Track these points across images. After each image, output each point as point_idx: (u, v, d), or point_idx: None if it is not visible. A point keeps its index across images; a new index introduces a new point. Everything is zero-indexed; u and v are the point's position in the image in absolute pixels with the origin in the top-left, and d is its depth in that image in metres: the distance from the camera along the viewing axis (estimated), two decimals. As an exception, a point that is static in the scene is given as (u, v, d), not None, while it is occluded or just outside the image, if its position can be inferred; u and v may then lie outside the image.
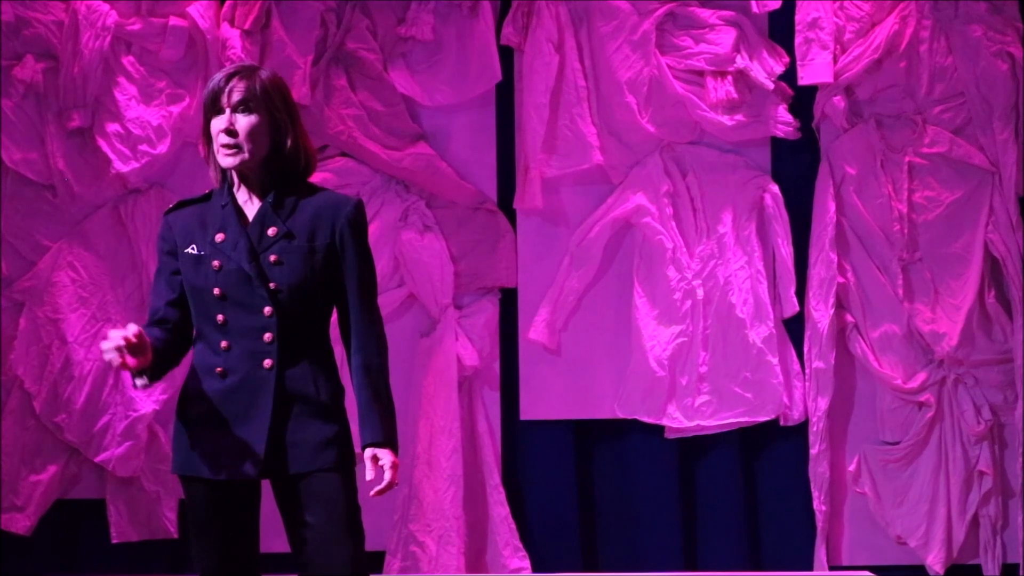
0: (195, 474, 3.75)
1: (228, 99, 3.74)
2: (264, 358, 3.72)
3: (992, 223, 6.47)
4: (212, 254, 3.75)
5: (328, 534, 3.70)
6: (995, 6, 6.50)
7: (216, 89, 3.76)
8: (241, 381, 3.73)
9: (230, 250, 3.74)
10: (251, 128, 3.75)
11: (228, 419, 3.72)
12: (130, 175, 6.45)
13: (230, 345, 3.73)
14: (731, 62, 6.48)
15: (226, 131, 3.73)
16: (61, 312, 6.43)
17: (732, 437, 6.49)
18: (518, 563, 6.42)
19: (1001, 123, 6.46)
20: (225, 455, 3.72)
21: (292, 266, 3.74)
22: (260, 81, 3.77)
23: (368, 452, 3.75)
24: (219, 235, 3.76)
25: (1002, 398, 6.45)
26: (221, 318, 3.73)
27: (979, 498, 6.41)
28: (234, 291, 3.73)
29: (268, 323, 3.72)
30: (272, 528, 4.01)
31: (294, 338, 3.74)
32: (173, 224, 3.83)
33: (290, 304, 3.74)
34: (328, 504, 3.71)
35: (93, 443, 6.41)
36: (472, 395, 6.53)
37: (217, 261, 3.74)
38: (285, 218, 3.77)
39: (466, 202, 6.56)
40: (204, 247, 3.76)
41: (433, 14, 6.52)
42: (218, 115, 3.76)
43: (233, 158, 3.75)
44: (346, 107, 6.51)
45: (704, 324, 6.47)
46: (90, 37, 6.42)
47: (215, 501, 3.75)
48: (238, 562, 3.78)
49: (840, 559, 6.49)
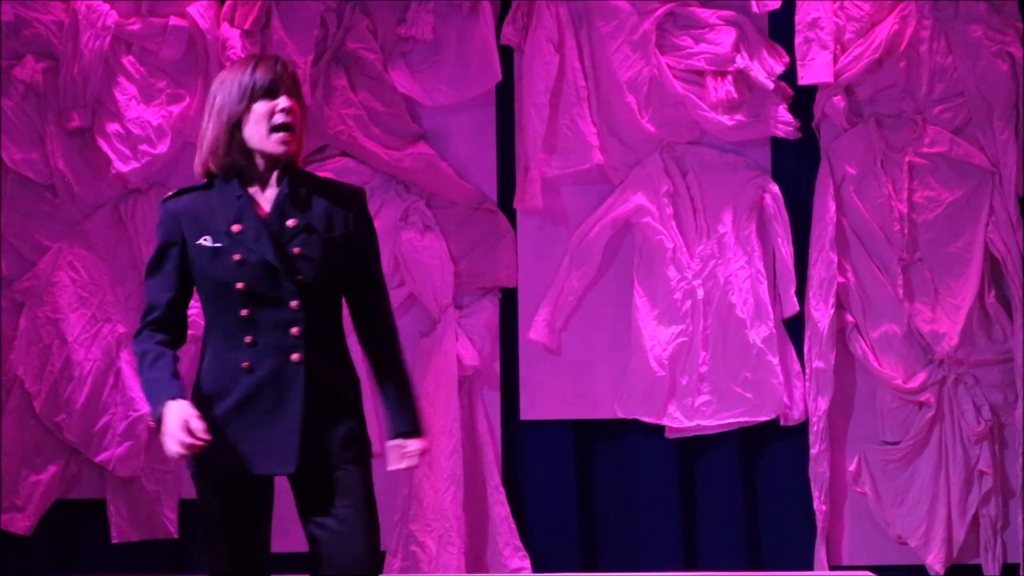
0: (221, 474, 3.67)
1: (284, 86, 3.67)
2: (292, 352, 3.65)
3: (992, 223, 6.47)
4: (231, 246, 3.64)
5: (352, 528, 3.67)
6: (995, 6, 6.50)
7: (275, 75, 3.68)
8: (269, 376, 3.65)
9: (252, 242, 3.64)
10: (302, 117, 3.72)
11: (257, 415, 3.64)
12: (130, 175, 6.45)
13: (256, 340, 3.65)
14: (731, 62, 6.47)
15: (286, 111, 3.66)
16: (61, 312, 6.43)
17: (732, 437, 6.49)
18: (518, 563, 6.42)
19: (1001, 123, 6.46)
20: (258, 452, 3.65)
21: (315, 258, 3.68)
22: (294, 71, 3.75)
23: (397, 442, 3.74)
24: (236, 226, 3.65)
25: (1002, 398, 6.45)
26: (246, 312, 3.64)
27: (979, 498, 6.41)
28: (259, 285, 3.64)
29: (295, 316, 3.65)
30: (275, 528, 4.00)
31: (317, 331, 3.68)
32: (178, 213, 3.71)
33: (315, 296, 3.68)
34: (353, 498, 3.68)
35: (93, 443, 6.41)
36: (472, 395, 6.53)
37: (239, 254, 3.64)
38: (303, 209, 3.70)
39: (466, 202, 6.56)
40: (220, 239, 3.65)
41: (433, 14, 6.52)
42: (269, 100, 3.67)
43: (289, 145, 3.68)
44: (346, 107, 6.51)
45: (704, 324, 6.47)
46: (90, 37, 6.42)
47: (235, 500, 3.69)
48: (252, 563, 3.73)
49: (840, 559, 6.48)
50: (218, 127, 3.68)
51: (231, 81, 3.70)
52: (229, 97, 3.68)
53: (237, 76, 3.69)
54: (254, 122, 3.66)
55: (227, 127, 3.67)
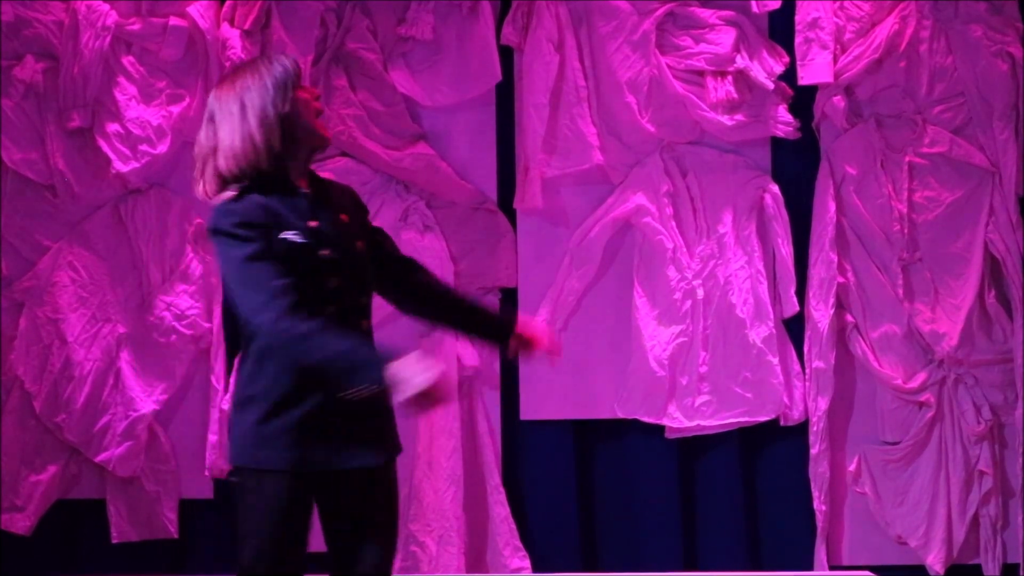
0: (320, 470, 3.65)
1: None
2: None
3: (992, 223, 6.47)
4: (315, 243, 3.65)
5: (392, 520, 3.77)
6: (995, 6, 6.50)
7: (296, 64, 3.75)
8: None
9: (333, 238, 3.67)
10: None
11: (351, 408, 3.59)
12: (130, 175, 6.45)
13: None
14: (731, 62, 6.47)
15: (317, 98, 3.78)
16: (61, 312, 6.43)
17: (732, 437, 6.49)
18: (518, 563, 6.42)
19: (1001, 123, 6.46)
20: (352, 446, 3.68)
21: (367, 251, 3.78)
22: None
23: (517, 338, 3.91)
24: (312, 222, 3.67)
25: (1002, 398, 6.45)
26: (334, 309, 3.64)
27: (979, 498, 6.41)
28: (345, 280, 3.68)
29: (366, 309, 3.74)
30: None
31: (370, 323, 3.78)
32: (263, 204, 3.66)
33: (370, 289, 3.78)
34: (394, 491, 3.80)
35: (93, 443, 6.41)
36: (472, 395, 6.53)
37: (326, 250, 3.66)
38: (341, 204, 3.80)
39: (466, 202, 6.56)
40: (303, 234, 3.66)
41: (433, 14, 6.52)
42: (303, 88, 3.74)
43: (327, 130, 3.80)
44: (346, 107, 6.51)
45: (704, 324, 6.47)
46: (90, 37, 6.42)
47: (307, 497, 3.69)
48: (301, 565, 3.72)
49: (840, 559, 6.48)
50: (266, 125, 3.67)
51: (257, 80, 3.70)
52: (267, 93, 3.68)
53: (262, 73, 3.70)
54: (303, 109, 3.71)
55: (277, 121, 3.68)
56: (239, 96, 3.70)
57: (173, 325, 6.43)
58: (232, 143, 3.68)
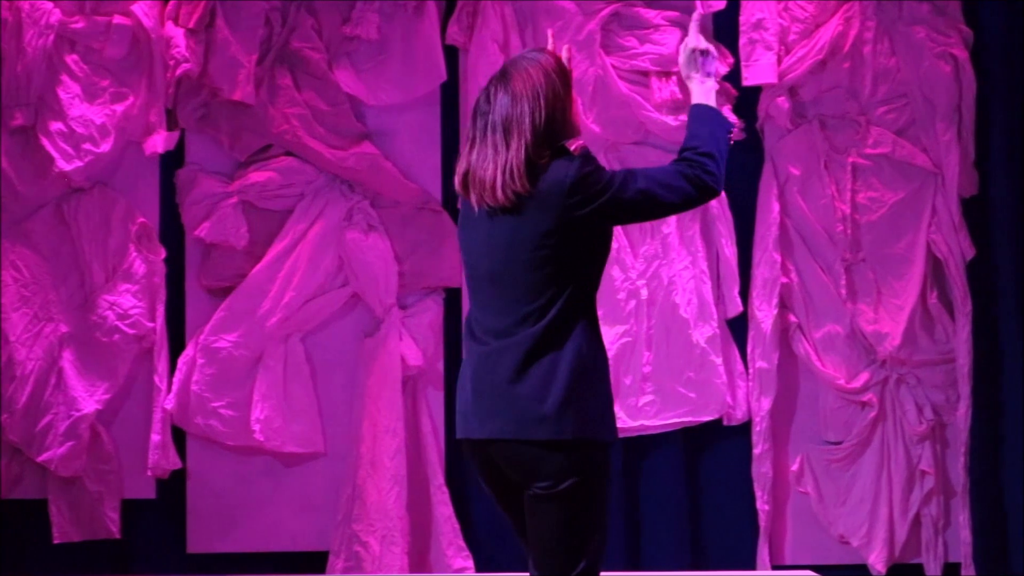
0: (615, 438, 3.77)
1: None
2: None
3: (935, 224, 6.50)
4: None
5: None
6: (938, 7, 6.53)
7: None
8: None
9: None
10: None
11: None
12: (73, 174, 6.42)
13: None
14: (676, 62, 6.47)
15: None
16: (3, 311, 6.40)
17: (676, 437, 6.51)
18: (461, 563, 6.42)
19: (944, 124, 6.49)
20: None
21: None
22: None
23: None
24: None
25: (944, 398, 6.48)
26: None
27: (921, 497, 6.44)
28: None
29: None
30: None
31: None
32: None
33: None
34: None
35: (35, 443, 6.39)
36: (416, 395, 6.52)
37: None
38: None
39: (411, 202, 6.56)
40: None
41: (378, 13, 6.51)
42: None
43: None
44: (291, 106, 6.49)
45: (648, 324, 6.48)
46: (33, 35, 6.39)
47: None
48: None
49: (783, 558, 6.51)
50: (568, 107, 3.83)
51: (551, 72, 3.82)
52: (564, 83, 3.84)
53: (554, 67, 3.83)
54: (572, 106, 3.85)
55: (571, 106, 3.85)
56: (541, 83, 3.86)
57: (116, 324, 6.41)
58: (539, 123, 3.87)
